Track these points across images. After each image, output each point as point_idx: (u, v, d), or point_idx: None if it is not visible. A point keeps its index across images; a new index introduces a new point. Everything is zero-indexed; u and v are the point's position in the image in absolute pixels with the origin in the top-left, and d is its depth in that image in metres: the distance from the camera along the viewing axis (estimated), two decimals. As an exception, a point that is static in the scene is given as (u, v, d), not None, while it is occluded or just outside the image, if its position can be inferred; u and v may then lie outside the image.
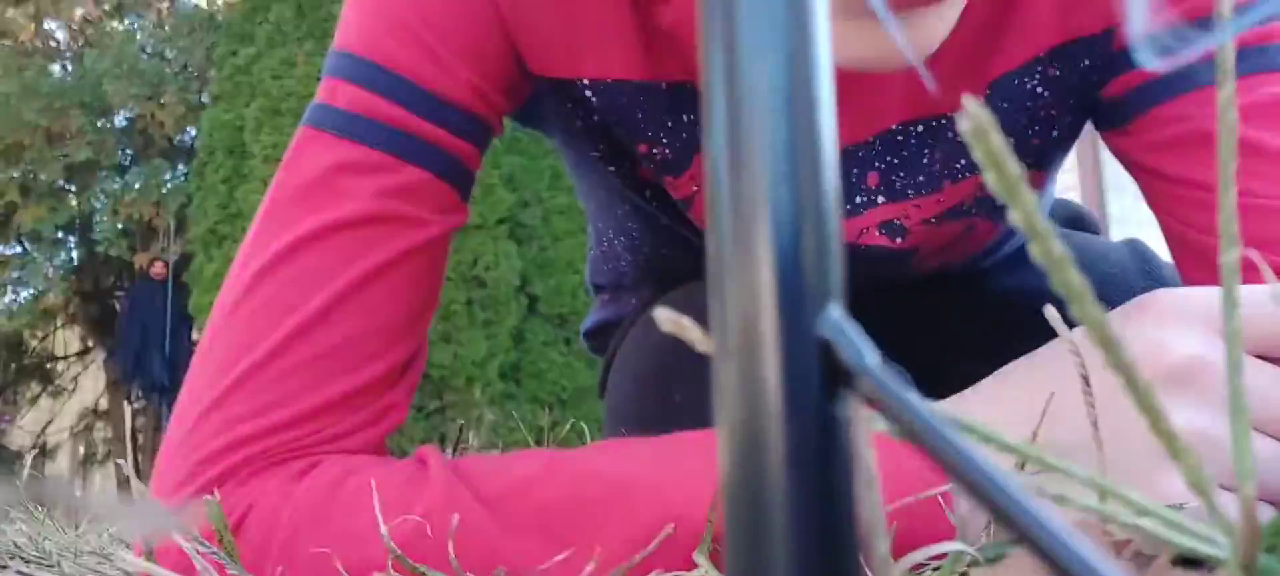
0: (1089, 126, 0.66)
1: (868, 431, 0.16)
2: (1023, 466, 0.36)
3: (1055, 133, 0.64)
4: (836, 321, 0.14)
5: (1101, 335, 0.18)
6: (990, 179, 0.17)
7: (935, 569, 0.36)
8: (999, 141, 0.17)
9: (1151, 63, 0.24)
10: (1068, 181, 3.96)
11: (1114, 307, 0.44)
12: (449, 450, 0.81)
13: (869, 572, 0.19)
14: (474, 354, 4.07)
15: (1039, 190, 0.71)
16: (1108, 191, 3.99)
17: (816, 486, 0.13)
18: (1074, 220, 0.94)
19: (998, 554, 0.36)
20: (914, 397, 0.13)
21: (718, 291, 0.15)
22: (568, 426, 1.15)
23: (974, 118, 0.16)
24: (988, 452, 0.23)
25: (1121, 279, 0.77)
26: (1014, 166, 0.17)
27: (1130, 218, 3.99)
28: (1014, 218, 0.18)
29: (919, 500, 0.39)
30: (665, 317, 0.21)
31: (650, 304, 0.80)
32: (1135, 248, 0.81)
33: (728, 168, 0.15)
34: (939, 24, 0.45)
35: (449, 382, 4.06)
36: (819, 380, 0.14)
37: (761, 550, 0.13)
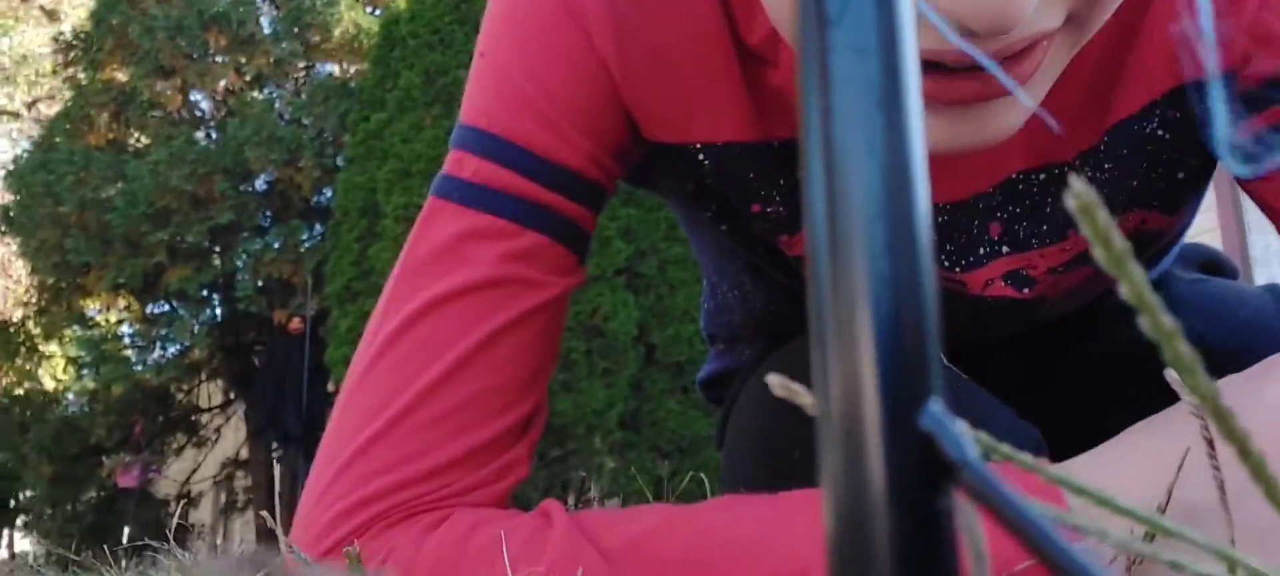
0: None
1: (976, 523, 0.17)
2: (1151, 537, 0.35)
3: (1181, 175, 0.62)
4: (938, 414, 0.15)
5: (1212, 407, 0.18)
6: (1099, 254, 0.18)
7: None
8: (1104, 217, 0.17)
9: (1241, 171, 0.24)
10: (1206, 222, 3.78)
11: (1254, 355, 0.43)
12: (571, 500, 0.82)
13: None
14: (593, 403, 4.12)
15: (1171, 233, 0.69)
16: (1250, 231, 3.79)
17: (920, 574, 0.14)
18: (1209, 265, 0.90)
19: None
20: (1017, 494, 0.14)
21: (821, 385, 0.16)
22: (687, 477, 1.15)
23: (1079, 195, 0.17)
24: (1110, 517, 0.23)
25: (1262, 325, 0.73)
26: (1121, 241, 0.17)
27: (1276, 256, 3.77)
28: (1124, 293, 0.18)
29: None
30: (777, 383, 0.22)
31: (764, 355, 0.80)
32: (1277, 292, 0.78)
33: (827, 265, 0.16)
34: (1014, 111, 0.45)
35: (570, 431, 4.12)
36: (922, 474, 0.14)
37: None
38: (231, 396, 6.76)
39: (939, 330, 0.16)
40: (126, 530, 5.88)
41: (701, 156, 0.62)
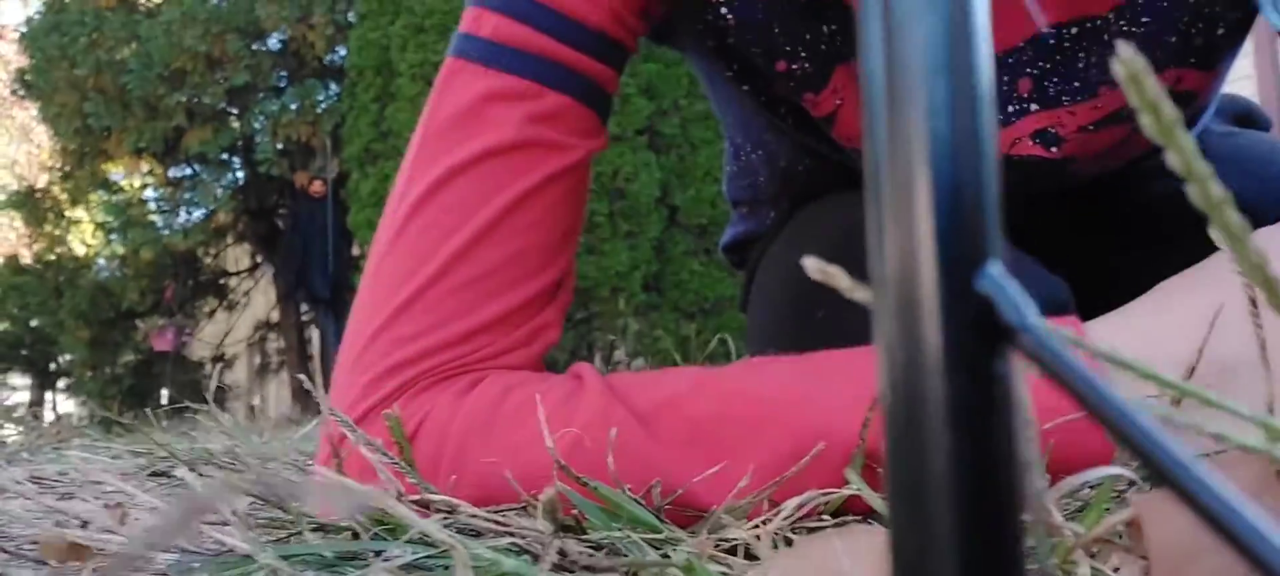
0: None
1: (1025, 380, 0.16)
2: (1180, 402, 0.35)
3: (1220, 30, 0.60)
4: (996, 278, 0.14)
5: (1261, 280, 0.18)
6: (1146, 122, 0.17)
7: (1093, 488, 0.36)
8: (1153, 85, 0.16)
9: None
10: (1243, 68, 3.68)
11: None
12: (598, 361, 0.83)
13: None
14: (617, 264, 4.13)
15: (1207, 91, 0.67)
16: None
17: (978, 445, 0.14)
18: (1243, 117, 0.88)
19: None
20: (1074, 355, 0.14)
21: (876, 247, 0.15)
22: (712, 336, 1.16)
23: (1126, 61, 0.16)
24: (1145, 386, 0.22)
25: None
26: (1170, 109, 0.17)
27: (1314, 104, 3.68)
28: (1172, 161, 0.17)
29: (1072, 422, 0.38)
30: (812, 266, 0.21)
31: (788, 218, 0.79)
32: None
33: (887, 126, 0.15)
34: None
35: (593, 293, 4.15)
36: (979, 338, 0.14)
37: (924, 506, 0.14)
38: (258, 260, 6.84)
39: (994, 200, 0.16)
40: (165, 392, 6.04)
41: (724, 10, 0.60)
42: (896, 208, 0.15)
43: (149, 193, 6.37)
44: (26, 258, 6.68)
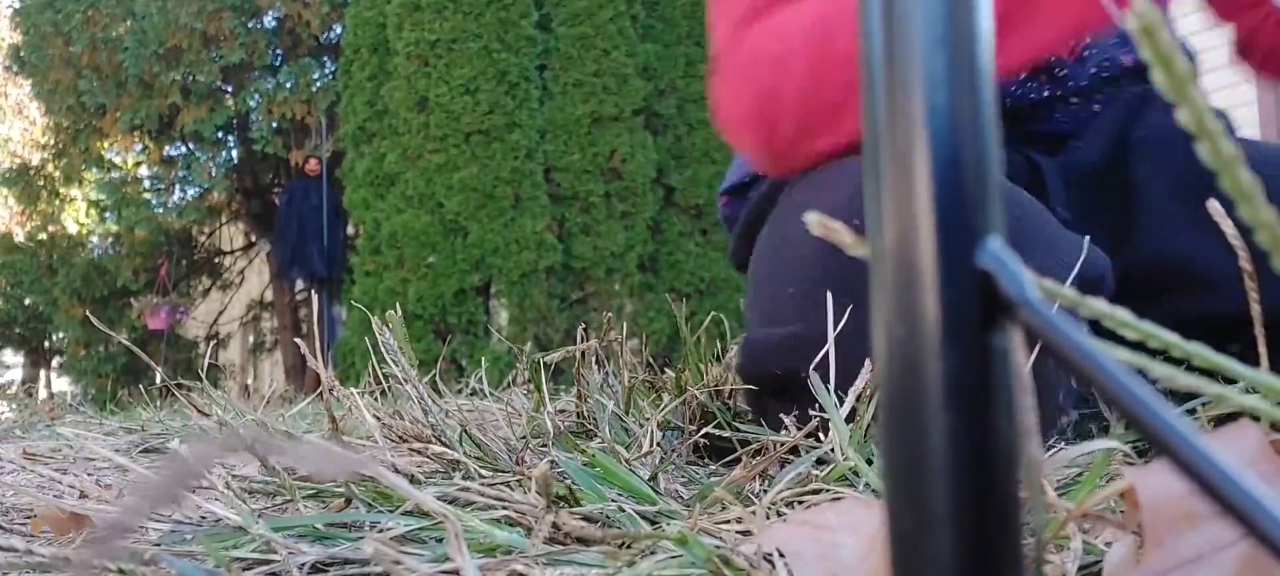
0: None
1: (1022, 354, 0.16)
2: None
3: None
4: (996, 252, 0.14)
5: (1272, 236, 0.17)
6: (1158, 78, 0.17)
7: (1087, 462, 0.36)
8: (1166, 38, 0.16)
9: None
10: (1244, 95, 3.66)
11: None
12: (597, 341, 0.83)
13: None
14: (613, 245, 4.13)
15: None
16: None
17: (976, 421, 0.14)
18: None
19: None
20: (1076, 329, 0.14)
21: (875, 220, 0.15)
22: (707, 316, 1.16)
23: (1141, 14, 0.16)
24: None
25: None
26: (1183, 64, 0.17)
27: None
28: (1184, 119, 0.17)
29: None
30: (814, 221, 0.21)
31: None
32: None
33: (883, 94, 0.15)
34: None
35: (589, 274, 4.14)
36: (979, 312, 0.14)
37: (922, 481, 0.14)
38: (253, 239, 6.82)
39: (995, 175, 0.15)
40: (159, 370, 6.01)
41: None
42: (896, 181, 0.15)
43: (143, 171, 6.34)
44: (19, 236, 6.65)
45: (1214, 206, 0.28)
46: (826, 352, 0.53)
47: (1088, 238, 0.59)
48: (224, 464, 0.45)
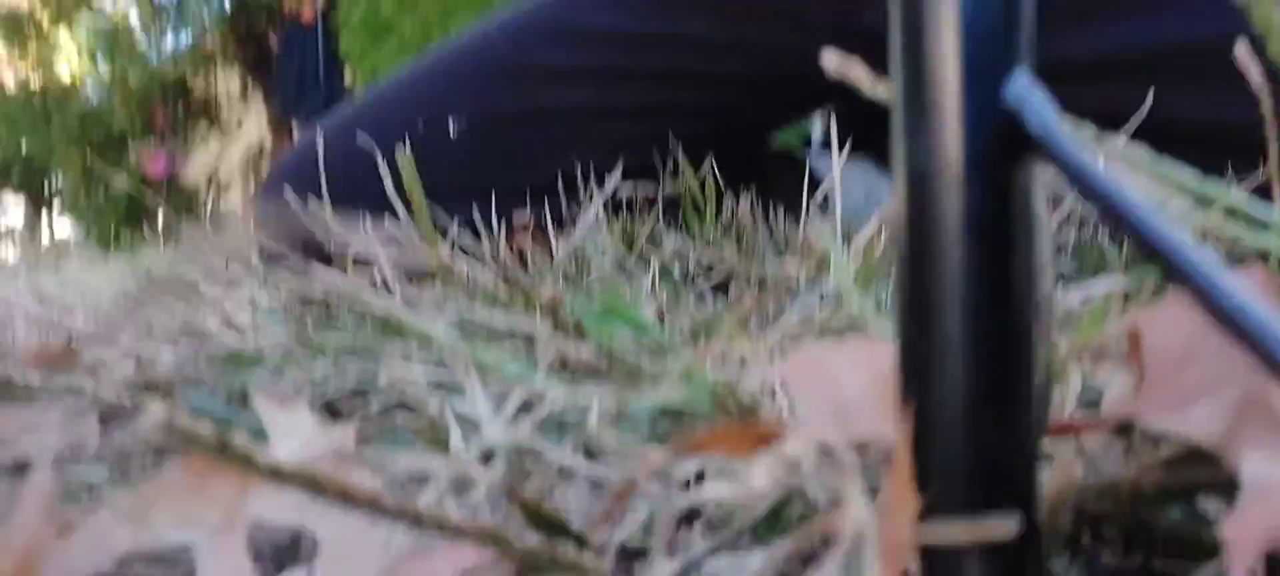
0: None
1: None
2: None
3: None
4: (1024, 86, 0.14)
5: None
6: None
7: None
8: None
9: None
10: None
11: None
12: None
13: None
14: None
15: None
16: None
17: (995, 256, 0.14)
18: None
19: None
20: (1100, 167, 0.14)
21: (899, 55, 0.15)
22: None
23: None
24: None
25: None
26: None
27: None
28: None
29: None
30: (831, 60, 0.21)
31: None
32: None
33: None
34: None
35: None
36: (1004, 147, 0.14)
37: (935, 308, 0.14)
38: (250, 85, 6.72)
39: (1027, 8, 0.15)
40: (160, 214, 6.01)
41: None
42: (921, 12, 0.15)
43: (133, 18, 6.20)
44: (10, 84, 6.55)
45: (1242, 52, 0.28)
46: None
47: None
48: (232, 294, 0.46)
